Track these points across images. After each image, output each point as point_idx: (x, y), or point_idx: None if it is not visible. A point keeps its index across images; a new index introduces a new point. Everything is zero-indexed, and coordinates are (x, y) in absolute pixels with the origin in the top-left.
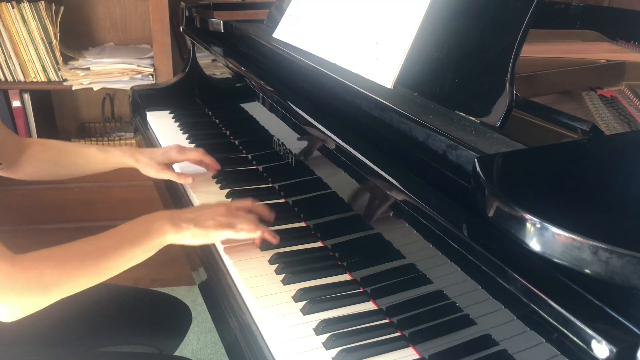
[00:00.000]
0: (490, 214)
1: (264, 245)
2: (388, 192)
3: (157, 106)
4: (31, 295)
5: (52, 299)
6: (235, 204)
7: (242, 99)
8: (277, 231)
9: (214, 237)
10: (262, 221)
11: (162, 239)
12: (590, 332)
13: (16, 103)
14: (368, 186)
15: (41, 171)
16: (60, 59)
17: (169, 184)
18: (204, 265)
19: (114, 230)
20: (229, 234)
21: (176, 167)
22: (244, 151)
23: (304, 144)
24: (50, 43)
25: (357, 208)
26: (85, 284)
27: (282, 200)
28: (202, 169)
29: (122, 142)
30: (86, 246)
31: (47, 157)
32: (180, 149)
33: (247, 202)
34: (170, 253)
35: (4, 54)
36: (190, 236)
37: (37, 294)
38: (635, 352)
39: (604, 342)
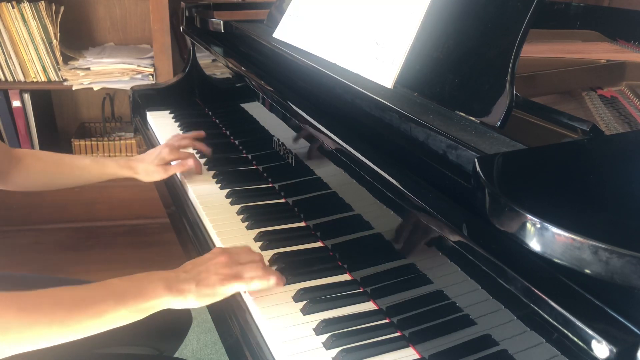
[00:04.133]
0: (490, 214)
1: (264, 245)
2: (388, 192)
3: (157, 106)
4: None
5: (11, 347)
6: (237, 251)
7: (242, 99)
8: (277, 231)
9: (223, 293)
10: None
11: (155, 302)
12: (590, 332)
13: (16, 103)
14: (368, 186)
15: (33, 182)
16: (60, 59)
17: (169, 184)
18: None
19: (101, 283)
20: (237, 286)
21: None
22: (244, 151)
23: (304, 144)
24: (50, 43)
25: (357, 208)
26: (54, 337)
27: (282, 200)
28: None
29: (122, 142)
30: (61, 295)
31: (40, 169)
32: (171, 148)
33: (245, 248)
34: (171, 253)
35: (4, 54)
36: (194, 299)
37: None
38: (635, 352)
39: (604, 342)
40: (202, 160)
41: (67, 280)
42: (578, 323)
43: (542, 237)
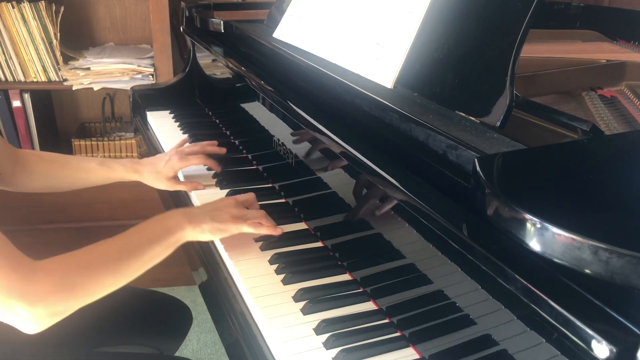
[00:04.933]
0: (490, 214)
1: (264, 245)
2: (388, 192)
3: (157, 106)
4: (57, 301)
5: (78, 303)
6: (242, 197)
7: (242, 99)
8: None
9: (233, 230)
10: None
11: (180, 235)
12: (590, 332)
13: (16, 103)
14: (368, 186)
15: (38, 184)
16: (60, 59)
17: None
18: (204, 265)
19: (131, 230)
20: (245, 228)
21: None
22: (244, 151)
23: (304, 144)
24: (50, 43)
25: (357, 208)
26: (110, 285)
27: (282, 200)
28: (204, 171)
29: (122, 142)
30: (106, 248)
31: (45, 170)
32: (181, 155)
33: (250, 195)
34: (170, 253)
35: (4, 54)
36: (209, 231)
37: (64, 299)
38: (635, 352)
39: (604, 342)
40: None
41: None
42: (578, 323)
43: (542, 237)
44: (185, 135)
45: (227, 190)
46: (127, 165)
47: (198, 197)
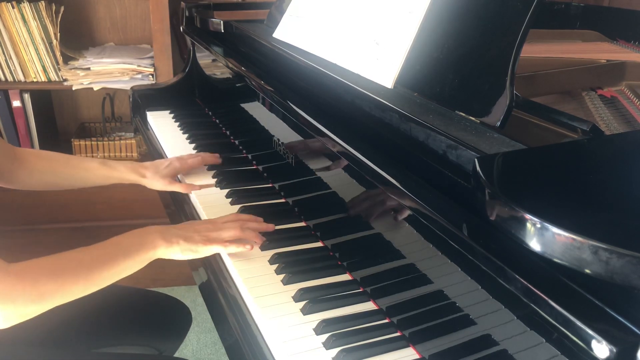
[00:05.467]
0: (490, 214)
1: (264, 245)
2: (388, 192)
3: (157, 106)
4: (26, 303)
5: (46, 306)
6: (222, 219)
7: (242, 99)
8: (277, 231)
9: (203, 252)
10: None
11: (153, 253)
12: (590, 332)
13: (16, 103)
14: (368, 186)
15: (37, 181)
16: (60, 59)
17: None
18: (204, 265)
19: (107, 241)
20: (216, 248)
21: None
22: (244, 151)
23: (304, 144)
24: (50, 43)
25: (357, 208)
26: (79, 292)
27: (282, 200)
28: (204, 171)
29: (122, 142)
30: (80, 256)
31: (44, 168)
32: (182, 162)
33: (236, 223)
34: None
35: (4, 54)
36: (179, 251)
37: (32, 302)
38: (635, 352)
39: (604, 342)
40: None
41: None
42: (578, 323)
43: (542, 237)
44: (191, 146)
45: (227, 190)
46: (127, 166)
47: (198, 197)
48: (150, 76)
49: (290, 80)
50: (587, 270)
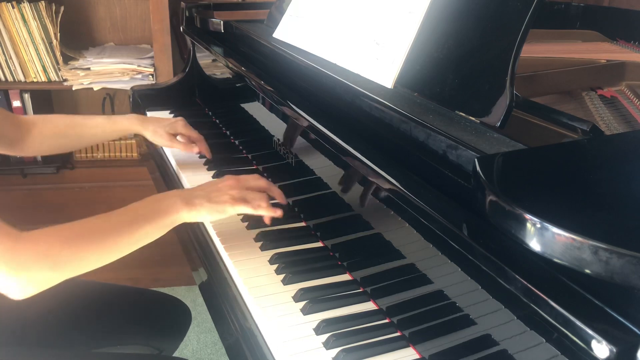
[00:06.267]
0: (490, 214)
1: (265, 245)
2: (388, 192)
3: (157, 106)
4: (41, 270)
5: (63, 274)
6: (245, 177)
7: (242, 99)
8: (277, 231)
9: (230, 211)
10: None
11: (175, 217)
12: (590, 332)
13: (16, 103)
14: (368, 186)
15: (48, 146)
16: (60, 59)
17: (169, 184)
18: (204, 265)
19: (125, 208)
20: (244, 209)
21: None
22: (244, 151)
23: (304, 144)
24: (50, 43)
25: (357, 208)
26: (96, 260)
27: None
28: (196, 159)
29: (122, 142)
30: (96, 222)
31: (53, 132)
32: (186, 124)
33: (260, 181)
34: (170, 253)
35: (4, 54)
36: (206, 213)
37: (47, 269)
38: (635, 352)
39: (604, 342)
40: (202, 160)
41: None
42: (578, 323)
43: (542, 237)
44: None
45: None
46: (132, 118)
47: (190, 185)
48: (150, 76)
49: (290, 80)
50: (587, 270)
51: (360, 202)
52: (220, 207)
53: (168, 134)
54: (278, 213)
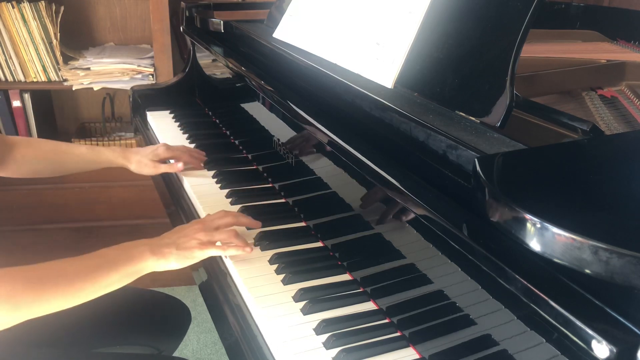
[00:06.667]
0: (490, 214)
1: (265, 245)
2: (388, 192)
3: (157, 106)
4: (0, 311)
5: (22, 317)
6: (211, 217)
7: (242, 99)
8: (277, 231)
9: (200, 256)
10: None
11: (142, 265)
12: (590, 332)
13: (16, 103)
14: (368, 186)
15: (27, 170)
16: (60, 59)
17: (168, 184)
18: (204, 265)
19: (93, 253)
20: (213, 252)
21: None
22: (244, 151)
23: (304, 144)
24: (50, 43)
25: (357, 208)
26: (59, 304)
27: (282, 200)
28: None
29: (122, 142)
30: (62, 266)
31: (35, 156)
32: (167, 147)
33: (227, 218)
34: None
35: (4, 54)
36: (174, 260)
37: (6, 310)
38: (635, 352)
39: (604, 342)
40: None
41: None
42: (578, 323)
43: (542, 237)
44: (192, 146)
45: (227, 191)
46: (115, 151)
47: (198, 198)
48: (150, 76)
49: (290, 80)
50: (587, 270)
51: (360, 202)
52: (188, 253)
53: (152, 162)
54: (247, 249)
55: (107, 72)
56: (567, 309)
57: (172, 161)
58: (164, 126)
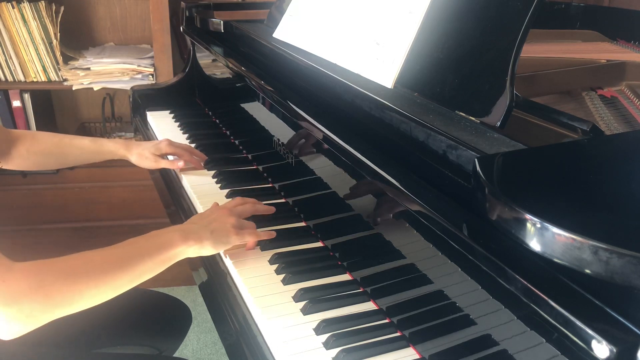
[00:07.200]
0: (491, 214)
1: (264, 245)
2: (388, 192)
3: (157, 106)
4: (32, 303)
5: (55, 312)
6: (233, 204)
7: (242, 99)
8: (277, 231)
9: (236, 242)
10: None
11: (175, 252)
12: (590, 332)
13: (16, 103)
14: (368, 186)
15: (32, 162)
16: (60, 59)
17: (168, 184)
18: (204, 266)
19: (121, 243)
20: (248, 237)
21: None
22: (244, 151)
23: (304, 143)
24: (50, 43)
25: (357, 208)
26: (92, 296)
27: (282, 200)
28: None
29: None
30: (94, 256)
31: (40, 149)
32: (170, 143)
33: (247, 205)
34: None
35: (4, 54)
36: (210, 245)
37: (39, 302)
38: (635, 352)
39: (604, 342)
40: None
41: None
42: (578, 323)
43: (542, 237)
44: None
45: (227, 190)
46: (117, 142)
47: (198, 199)
48: (150, 76)
49: (290, 80)
50: (587, 270)
51: (360, 202)
52: (225, 239)
53: (154, 156)
54: (272, 234)
55: (107, 72)
56: (567, 309)
57: (173, 158)
58: (164, 126)
